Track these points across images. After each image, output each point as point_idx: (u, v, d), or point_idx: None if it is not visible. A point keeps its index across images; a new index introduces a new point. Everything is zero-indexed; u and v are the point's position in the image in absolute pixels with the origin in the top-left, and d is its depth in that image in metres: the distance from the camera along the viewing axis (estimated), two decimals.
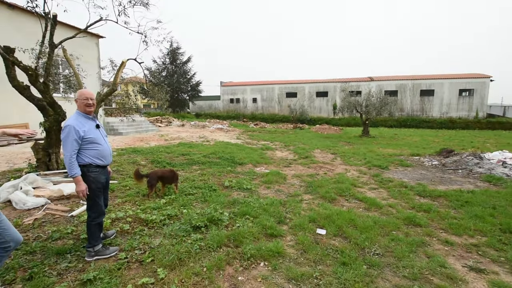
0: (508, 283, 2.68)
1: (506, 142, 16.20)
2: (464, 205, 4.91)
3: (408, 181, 6.61)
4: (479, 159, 8.75)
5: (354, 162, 8.95)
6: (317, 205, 4.80)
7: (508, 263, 3.05)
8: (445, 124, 30.05)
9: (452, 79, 33.70)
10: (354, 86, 34.45)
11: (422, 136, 19.25)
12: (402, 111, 34.29)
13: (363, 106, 18.47)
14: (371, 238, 3.49)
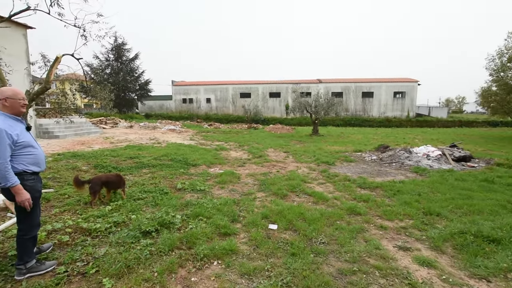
0: (427, 256, 3.14)
1: (430, 138, 18.75)
2: (396, 193, 5.57)
3: (351, 175, 7.24)
4: (409, 153, 9.99)
5: (304, 160, 9.45)
6: (269, 202, 4.98)
7: (428, 240, 3.58)
8: (383, 122, 33.47)
9: (388, 83, 37.70)
10: (304, 88, 36.31)
11: (364, 134, 21.17)
12: (347, 111, 37.21)
13: (312, 107, 19.58)
14: (318, 229, 3.76)
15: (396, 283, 2.68)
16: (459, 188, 6.02)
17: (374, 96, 37.58)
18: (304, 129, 24.67)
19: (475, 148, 13.83)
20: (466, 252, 3.24)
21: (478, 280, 2.76)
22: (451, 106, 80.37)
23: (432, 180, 6.72)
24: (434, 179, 6.86)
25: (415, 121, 34.37)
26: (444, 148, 10.53)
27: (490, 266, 2.95)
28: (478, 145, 15.56)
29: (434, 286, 2.64)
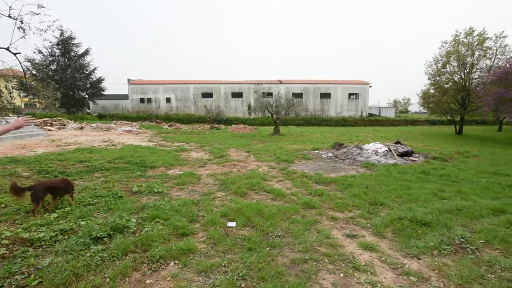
0: (370, 242, 3.49)
1: (380, 136, 20.44)
2: (348, 187, 6.03)
3: (308, 172, 7.63)
4: (360, 149, 10.80)
5: (265, 159, 9.69)
6: (229, 200, 5.04)
7: (372, 227, 3.96)
8: (339, 122, 35.55)
9: (343, 85, 40.11)
10: (266, 88, 36.95)
11: (322, 133, 22.30)
12: (307, 111, 38.78)
13: (273, 107, 20.07)
14: (275, 224, 3.93)
15: (342, 267, 2.94)
16: (400, 180, 6.71)
17: (331, 97, 39.71)
18: (266, 129, 25.15)
19: (416, 144, 15.44)
20: (403, 235, 3.66)
21: (410, 259, 3.15)
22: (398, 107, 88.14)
23: (379, 174, 7.39)
24: (381, 172, 7.55)
25: (367, 120, 37.14)
26: (390, 144, 11.59)
27: (421, 245, 3.37)
28: (419, 141, 17.39)
29: (374, 267, 2.96)
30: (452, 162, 9.83)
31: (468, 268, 2.94)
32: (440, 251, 3.30)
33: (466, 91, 22.52)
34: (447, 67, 23.63)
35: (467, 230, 3.87)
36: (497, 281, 2.72)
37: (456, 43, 22.81)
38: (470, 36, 22.26)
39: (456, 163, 9.63)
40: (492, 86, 19.67)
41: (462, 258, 3.15)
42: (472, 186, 6.36)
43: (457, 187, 6.22)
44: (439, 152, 11.72)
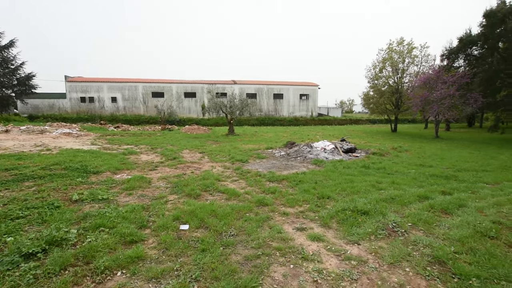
0: (317, 233, 3.75)
1: (328, 134, 21.87)
2: (298, 183, 6.35)
3: (262, 171, 7.83)
4: (310, 148, 11.44)
5: (220, 159, 9.65)
6: (182, 203, 4.92)
7: (320, 219, 4.25)
8: (292, 122, 37.06)
9: (294, 86, 41.92)
10: (220, 88, 36.69)
11: (275, 132, 23.00)
12: (261, 111, 39.61)
13: (227, 107, 20.06)
14: (229, 223, 3.97)
15: (292, 258, 3.11)
16: (345, 174, 7.31)
17: (284, 98, 41.20)
18: (221, 129, 25.00)
19: (359, 141, 16.92)
20: (346, 224, 4.01)
21: (352, 245, 3.47)
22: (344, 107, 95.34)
23: (327, 170, 7.94)
24: (328, 168, 8.11)
25: (317, 120, 39.46)
26: (336, 142, 12.51)
27: (361, 232, 3.74)
28: (361, 138, 19.09)
29: (321, 256, 3.19)
30: (388, 157, 11.02)
31: (398, 248, 3.36)
32: (376, 235, 3.70)
33: (399, 94, 25.44)
34: (383, 72, 26.39)
35: (399, 215, 4.41)
36: (420, 257, 3.17)
37: (390, 51, 25.61)
38: (401, 45, 25.21)
39: (391, 157, 10.83)
40: (419, 89, 22.55)
41: (394, 240, 3.58)
42: (403, 177, 7.23)
43: (391, 178, 7.01)
44: (377, 148, 13.03)
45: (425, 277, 2.81)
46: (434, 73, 21.41)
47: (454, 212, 4.60)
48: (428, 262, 3.08)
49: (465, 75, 20.31)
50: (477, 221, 4.07)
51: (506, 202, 5.17)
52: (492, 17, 19.65)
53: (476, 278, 2.74)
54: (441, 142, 18.71)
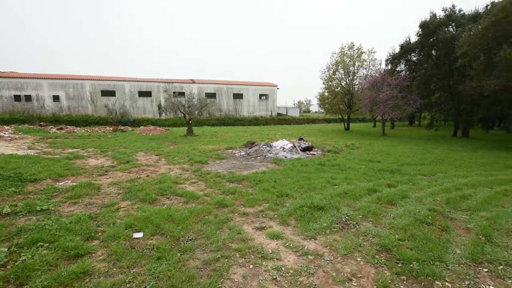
0: (276, 231, 3.82)
1: (287, 133, 22.51)
2: (258, 183, 6.40)
3: (222, 171, 7.74)
4: (270, 147, 11.65)
5: (178, 161, 9.30)
6: (136, 209, 4.62)
7: (279, 217, 4.33)
8: (252, 121, 37.39)
9: (254, 86, 42.30)
10: (177, 87, 35.43)
11: (236, 132, 22.97)
12: (221, 111, 39.22)
13: (186, 107, 19.45)
14: (187, 227, 3.83)
15: (252, 258, 3.11)
16: (303, 172, 7.58)
17: (244, 98, 41.34)
18: (179, 130, 24.18)
19: (315, 139, 17.73)
20: (303, 220, 4.15)
21: (309, 240, 3.60)
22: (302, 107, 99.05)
23: (285, 168, 8.14)
24: (287, 167, 8.33)
25: (277, 120, 40.40)
26: (295, 141, 12.94)
27: (317, 227, 3.90)
28: (318, 137, 20.03)
29: (280, 253, 3.25)
30: (341, 154, 11.73)
31: (350, 240, 3.57)
32: (331, 229, 3.90)
33: (351, 95, 27.27)
34: (336, 74, 28.03)
35: (351, 209, 4.70)
36: (370, 247, 3.41)
37: (342, 54, 27.29)
38: (351, 50, 27.02)
39: (344, 155, 11.54)
40: (367, 91, 24.43)
41: (347, 233, 3.80)
42: (355, 173, 7.75)
43: (345, 174, 7.46)
44: (332, 146, 13.78)
45: (374, 265, 3.02)
46: (380, 76, 23.41)
47: (398, 203, 5.05)
48: (376, 250, 3.33)
49: (406, 79, 22.57)
50: (417, 210, 4.53)
51: (440, 192, 5.86)
52: (426, 28, 22.11)
53: (416, 262, 3.03)
54: (387, 139, 20.51)
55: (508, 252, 3.30)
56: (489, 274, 2.89)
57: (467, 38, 16.15)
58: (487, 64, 14.86)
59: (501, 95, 14.84)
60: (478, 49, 15.37)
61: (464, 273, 2.87)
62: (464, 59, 16.75)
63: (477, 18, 19.82)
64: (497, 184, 6.72)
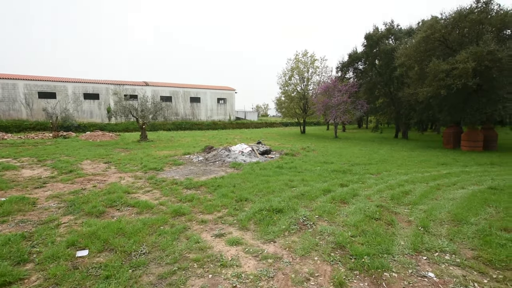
0: (236, 236, 3.77)
1: (246, 137, 22.63)
2: (217, 188, 6.28)
3: (179, 178, 7.43)
4: (228, 151, 11.56)
5: (130, 169, 8.69)
6: (80, 224, 4.17)
7: (238, 223, 4.28)
8: (210, 125, 36.80)
9: (212, 90, 41.81)
10: (129, 90, 33.35)
11: (193, 137, 22.37)
12: (177, 115, 37.91)
13: (139, 111, 18.37)
14: (140, 240, 3.57)
15: (211, 268, 3.01)
16: (261, 176, 7.65)
17: (201, 101, 40.57)
18: (131, 135, 22.72)
19: (274, 143, 18.13)
20: (263, 224, 4.16)
21: (268, 244, 3.62)
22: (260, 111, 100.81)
23: (244, 172, 8.14)
24: (246, 171, 8.34)
25: (235, 124, 40.41)
26: (253, 145, 13.05)
27: (276, 230, 3.95)
28: (276, 140, 20.52)
29: (239, 259, 3.20)
30: (298, 156, 12.15)
31: (308, 240, 3.68)
32: (289, 231, 3.97)
33: (306, 99, 28.56)
34: (292, 79, 29.15)
35: (308, 209, 4.86)
36: (326, 245, 3.55)
37: (297, 61, 28.50)
38: (305, 57, 28.38)
39: (301, 157, 11.97)
40: (321, 96, 25.84)
41: (304, 233, 3.91)
42: (311, 174, 8.08)
43: (301, 176, 7.72)
44: (290, 149, 14.22)
45: (330, 263, 3.15)
46: (332, 82, 24.96)
47: (350, 201, 5.37)
48: (332, 248, 3.48)
49: (354, 85, 24.42)
50: (366, 207, 4.87)
51: (385, 189, 6.40)
52: (370, 39, 24.31)
53: (367, 256, 3.24)
54: (339, 141, 21.89)
55: (442, 240, 3.71)
56: (428, 261, 3.21)
57: (404, 50, 18.12)
58: (420, 74, 16.83)
59: (432, 101, 16.89)
60: (412, 60, 17.33)
61: (407, 263, 3.15)
62: (402, 69, 18.75)
63: (411, 33, 22.39)
64: (431, 179, 7.58)
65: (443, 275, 2.92)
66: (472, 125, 15.92)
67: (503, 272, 2.95)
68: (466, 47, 14.52)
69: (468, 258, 3.25)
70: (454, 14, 15.54)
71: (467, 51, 13.92)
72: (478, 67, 13.54)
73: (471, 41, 15.08)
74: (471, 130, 15.95)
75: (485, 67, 13.58)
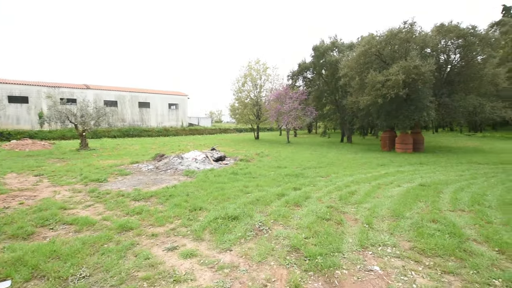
0: (190, 248, 3.59)
1: (199, 144, 22.10)
2: (169, 198, 5.95)
3: (125, 189, 6.86)
4: (181, 159, 11.12)
5: (67, 181, 7.75)
6: (1, 250, 3.53)
7: (192, 233, 4.10)
8: (161, 132, 35.09)
9: (163, 95, 40.06)
10: (67, 93, 30.10)
11: (142, 144, 21.03)
12: (124, 121, 35.32)
13: (78, 116, 16.61)
14: (78, 262, 3.16)
15: (163, 285, 2.80)
16: (216, 183, 7.50)
17: (151, 107, 38.52)
18: (69, 144, 20.41)
19: (228, 149, 18.03)
20: (218, 233, 4.05)
21: (224, 253, 3.53)
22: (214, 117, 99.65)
23: (198, 180, 7.90)
24: (200, 178, 8.10)
25: (188, 130, 39.23)
26: (207, 151, 12.79)
27: (232, 238, 3.87)
28: (230, 146, 20.44)
29: (194, 273, 3.05)
30: (253, 162, 12.26)
31: (264, 246, 3.69)
32: (246, 238, 3.94)
33: (259, 106, 29.19)
34: (245, 86, 29.56)
35: (263, 214, 4.90)
36: (281, 249, 3.60)
37: (250, 68, 29.04)
38: (258, 64, 29.08)
39: (255, 162, 12.10)
40: (273, 102, 26.66)
41: (260, 239, 3.92)
42: (266, 179, 8.19)
43: (256, 181, 7.78)
44: (244, 155, 14.29)
45: (286, 267, 3.19)
46: (283, 90, 25.98)
47: (303, 204, 5.58)
48: (287, 252, 3.54)
49: (304, 93, 25.77)
50: (318, 208, 5.10)
51: (334, 190, 6.81)
52: (317, 50, 26.04)
53: (320, 256, 3.37)
54: (292, 146, 22.77)
55: (384, 234, 4.07)
56: (373, 255, 3.48)
57: (346, 62, 19.81)
58: (361, 84, 18.54)
59: (371, 109, 18.72)
60: (354, 71, 19.03)
61: (356, 259, 3.36)
62: (345, 79, 20.41)
63: (352, 47, 24.60)
64: (373, 179, 8.32)
65: (386, 267, 3.18)
66: (403, 130, 18.02)
67: (433, 259, 3.34)
68: (397, 61, 16.49)
69: (406, 249, 3.61)
70: (387, 32, 17.55)
71: (398, 65, 15.81)
72: (407, 79, 15.46)
73: (401, 56, 17.17)
74: (403, 134, 18.05)
75: (412, 79, 15.58)
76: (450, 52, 18.82)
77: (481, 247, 3.63)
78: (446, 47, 18.57)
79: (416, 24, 17.25)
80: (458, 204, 5.56)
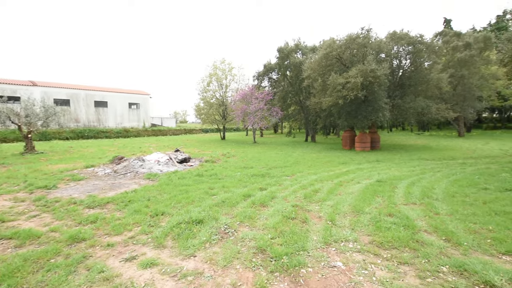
0: (151, 257, 3.37)
1: (163, 145, 21.21)
2: (128, 204, 5.57)
3: (78, 196, 6.28)
4: (142, 161, 10.54)
5: (7, 189, 6.87)
6: None
7: (153, 241, 3.86)
8: (121, 133, 32.99)
9: (121, 93, 37.74)
10: (8, 90, 26.91)
11: (99, 147, 19.57)
12: (78, 121, 32.63)
13: (22, 116, 14.89)
14: (17, 283, 2.78)
15: None
16: (180, 186, 7.22)
17: (109, 106, 36.08)
18: (12, 147, 18.24)
19: (193, 150, 17.55)
20: (181, 238, 3.87)
21: (188, 259, 3.37)
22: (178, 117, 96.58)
23: (161, 183, 7.53)
24: (162, 181, 7.73)
25: (151, 131, 37.46)
26: (171, 153, 12.29)
27: (196, 243, 3.72)
28: (195, 147, 19.93)
29: (155, 283, 2.86)
30: (219, 163, 12.07)
31: (229, 249, 3.60)
32: (210, 242, 3.81)
33: (225, 106, 28.89)
34: (211, 86, 29.06)
35: (229, 217, 4.80)
36: (247, 251, 3.54)
37: (215, 68, 28.61)
38: (223, 64, 28.78)
39: (221, 163, 11.93)
40: (239, 103, 26.60)
41: (226, 242, 3.82)
42: (232, 180, 8.09)
43: (222, 183, 7.65)
44: (210, 156, 14.01)
45: (252, 269, 3.14)
46: (249, 90, 26.04)
47: (269, 204, 5.59)
48: (253, 254, 3.49)
49: (269, 94, 26.10)
50: (284, 208, 5.15)
51: (299, 189, 6.95)
52: (282, 52, 26.55)
53: (286, 256, 3.38)
54: (258, 146, 22.91)
55: (346, 230, 4.23)
56: (336, 251, 3.58)
57: (309, 64, 20.48)
58: (323, 85, 19.30)
59: (333, 109, 19.59)
60: (316, 73, 19.75)
61: (320, 256, 3.43)
62: (308, 80, 21.09)
63: (315, 50, 25.52)
64: (335, 177, 8.68)
65: (349, 262, 3.30)
66: (362, 129, 19.15)
67: (390, 251, 3.54)
68: (356, 65, 17.46)
69: (366, 244, 3.78)
70: (346, 37, 18.50)
71: (356, 68, 16.74)
72: (365, 82, 16.45)
73: (359, 60, 18.22)
74: (361, 134, 19.17)
75: (369, 82, 16.61)
76: (402, 58, 20.46)
77: (431, 237, 3.94)
78: (398, 53, 20.15)
79: (372, 30, 18.44)
80: (410, 198, 6.01)
